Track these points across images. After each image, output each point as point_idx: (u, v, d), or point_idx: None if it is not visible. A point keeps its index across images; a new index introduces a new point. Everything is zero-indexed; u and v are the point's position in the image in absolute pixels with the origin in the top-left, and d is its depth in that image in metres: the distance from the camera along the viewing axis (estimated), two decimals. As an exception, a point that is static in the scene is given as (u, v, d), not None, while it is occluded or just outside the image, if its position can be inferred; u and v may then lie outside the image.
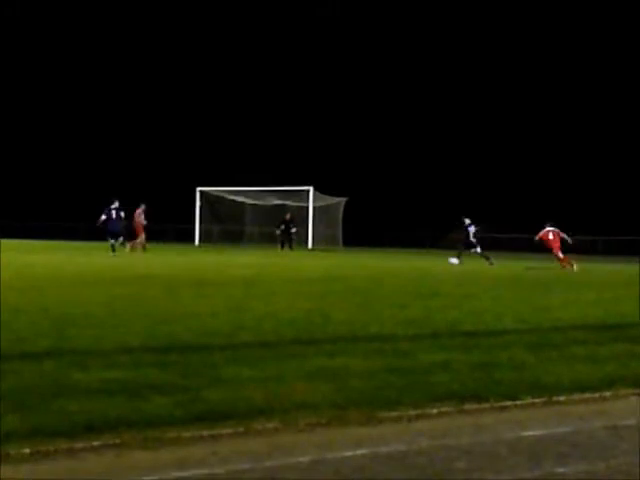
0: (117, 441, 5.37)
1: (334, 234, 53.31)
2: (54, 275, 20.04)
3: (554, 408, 6.83)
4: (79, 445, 5.26)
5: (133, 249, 37.29)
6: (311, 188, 52.17)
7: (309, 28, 65.20)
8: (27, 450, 5.12)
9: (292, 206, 52.47)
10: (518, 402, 6.85)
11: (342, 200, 53.61)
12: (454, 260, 33.43)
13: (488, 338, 10.30)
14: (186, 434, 5.57)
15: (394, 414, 6.30)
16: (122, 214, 34.45)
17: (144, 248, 38.21)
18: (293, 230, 49.03)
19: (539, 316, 12.83)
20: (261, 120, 66.83)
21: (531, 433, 6.02)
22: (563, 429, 6.16)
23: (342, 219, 53.65)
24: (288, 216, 49.17)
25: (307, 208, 52.18)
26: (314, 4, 64.26)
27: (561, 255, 32.53)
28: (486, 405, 6.71)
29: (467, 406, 6.63)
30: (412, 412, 6.37)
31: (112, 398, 6.36)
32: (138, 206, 39.91)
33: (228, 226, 54.42)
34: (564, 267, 31.38)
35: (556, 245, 32.89)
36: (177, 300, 14.02)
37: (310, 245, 51.29)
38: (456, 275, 25.29)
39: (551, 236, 33.09)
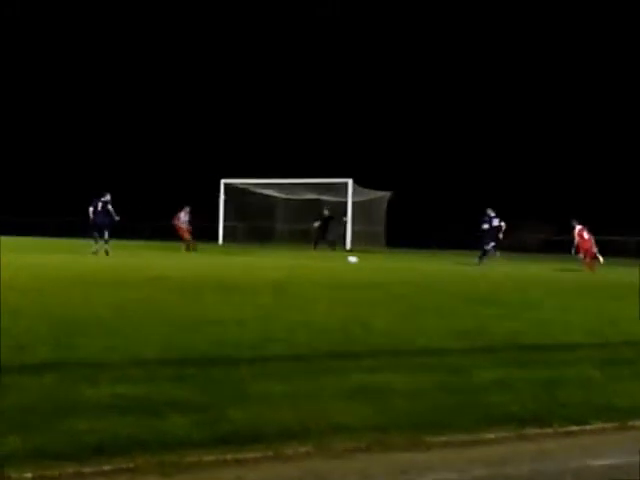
0: (130, 465, 5.40)
1: (376, 233, 53.16)
2: (61, 276, 20.20)
3: (628, 434, 6.76)
4: (87, 469, 5.29)
5: (193, 248, 40.53)
6: (350, 181, 52.10)
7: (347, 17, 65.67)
8: (29, 474, 5.16)
9: (328, 201, 52.40)
10: (586, 427, 6.79)
11: (386, 194, 53.47)
12: (352, 259, 33.73)
13: (552, 353, 10.24)
14: (208, 458, 5.58)
15: (444, 439, 6.28)
16: (110, 208, 35.32)
17: (189, 249, 40.88)
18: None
19: (609, 328, 12.73)
20: (293, 105, 66.87)
21: (600, 462, 5.97)
22: (638, 458, 6.10)
23: (386, 216, 53.50)
24: (326, 212, 49.06)
25: (345, 203, 52.11)
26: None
27: (589, 258, 32.81)
28: (549, 430, 6.66)
29: (528, 430, 6.59)
30: (465, 437, 6.34)
31: (124, 417, 6.39)
32: (181, 208, 42.93)
33: (256, 223, 54.49)
34: (591, 269, 31.78)
35: (590, 245, 33.13)
36: (198, 306, 14.07)
37: (349, 245, 51.25)
38: (512, 280, 25.18)
39: (586, 235, 33.31)
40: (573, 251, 33.76)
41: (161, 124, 69.12)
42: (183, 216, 42.82)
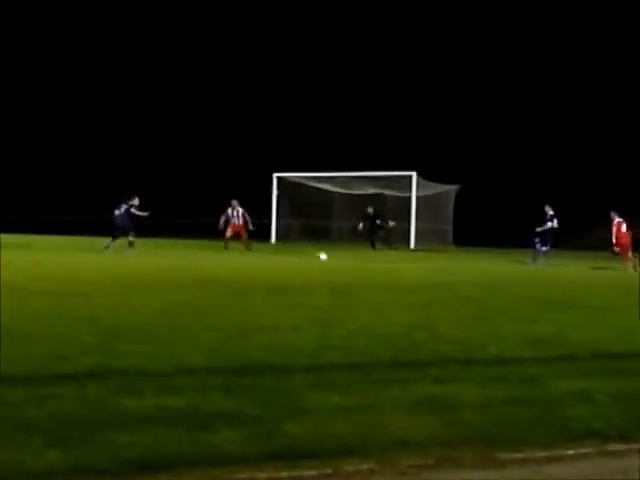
0: (176, 482, 5.42)
1: (443, 230, 53.05)
2: (99, 278, 20.38)
3: None
4: (129, 486, 5.33)
5: (248, 247, 41.13)
6: (414, 174, 52.00)
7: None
8: (68, 491, 5.20)
9: (391, 196, 52.35)
10: (676, 443, 6.71)
11: (453, 188, 53.30)
12: (323, 256, 34.00)
13: (635, 362, 10.13)
14: (261, 475, 5.58)
15: (518, 455, 6.23)
16: (133, 211, 36.38)
17: (227, 247, 41.28)
18: (391, 224, 48.85)
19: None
20: (351, 92, 66.74)
21: (692, 482, 5.89)
22: None
23: (453, 212, 53.32)
24: (370, 210, 48.85)
25: (409, 198, 52.02)
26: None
27: (629, 253, 32.97)
28: (635, 445, 6.59)
29: (611, 446, 6.52)
30: (541, 453, 6.29)
31: (170, 429, 6.42)
32: (229, 204, 43.33)
33: (311, 220, 54.59)
34: (633, 265, 31.92)
35: (628, 240, 33.30)
36: (249, 310, 14.12)
37: (412, 244, 51.16)
38: (592, 281, 24.99)
39: (624, 228, 33.41)
40: (614, 246, 33.99)
41: (213, 116, 69.31)
42: (230, 212, 42.72)
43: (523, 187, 62.57)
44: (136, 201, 37.07)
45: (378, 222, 48.16)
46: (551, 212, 36.41)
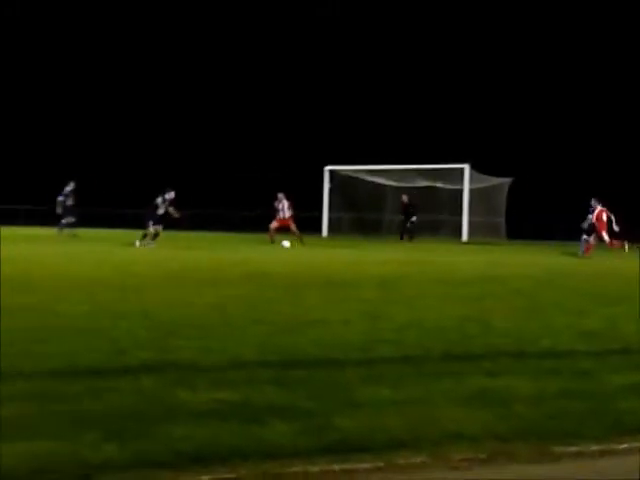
0: (230, 475, 5.47)
1: (495, 223, 52.82)
2: (155, 273, 20.52)
3: None
4: (184, 479, 5.39)
5: (300, 238, 40.85)
6: (467, 166, 51.81)
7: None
8: (125, 484, 5.28)
9: (443, 188, 52.25)
10: None
11: (506, 181, 53.04)
12: (286, 243, 33.82)
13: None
14: (313, 469, 5.62)
15: (572, 449, 6.23)
16: (158, 200, 36.42)
17: (273, 241, 40.97)
18: (413, 218, 48.87)
19: None
20: (404, 84, 66.58)
21: None
22: None
23: (506, 205, 53.07)
24: (405, 198, 49.09)
25: (462, 191, 51.86)
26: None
27: (607, 238, 33.37)
28: (689, 439, 6.57)
29: (665, 440, 6.51)
30: (594, 447, 6.28)
31: (224, 423, 6.47)
32: (275, 197, 42.98)
33: (363, 213, 54.56)
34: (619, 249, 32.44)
35: (605, 228, 33.62)
36: (301, 304, 14.16)
37: (465, 237, 51.00)
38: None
39: (605, 217, 33.67)
40: (592, 237, 34.06)
41: (264, 107, 69.35)
42: (277, 205, 42.77)
43: (577, 179, 62.13)
44: (172, 194, 36.69)
45: (411, 211, 48.38)
46: (597, 205, 36.24)
